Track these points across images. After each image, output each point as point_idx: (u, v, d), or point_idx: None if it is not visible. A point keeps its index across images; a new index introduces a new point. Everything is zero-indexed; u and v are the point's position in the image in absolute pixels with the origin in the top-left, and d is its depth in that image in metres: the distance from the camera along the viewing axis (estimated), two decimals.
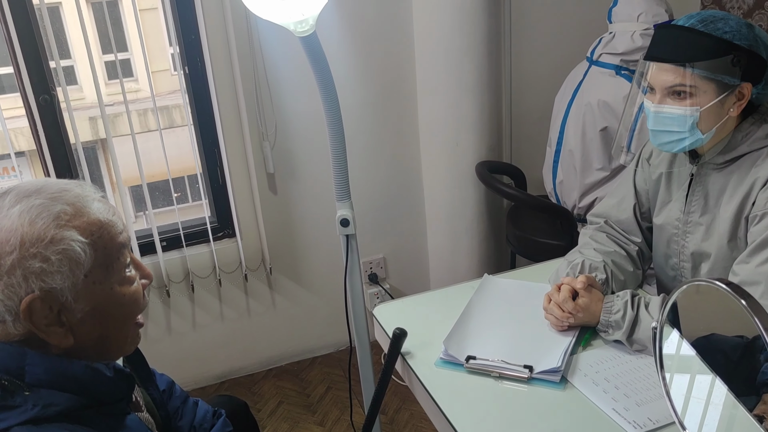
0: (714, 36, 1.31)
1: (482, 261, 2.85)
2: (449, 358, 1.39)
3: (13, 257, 0.87)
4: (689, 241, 1.47)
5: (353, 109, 2.62)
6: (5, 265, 0.88)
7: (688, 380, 1.10)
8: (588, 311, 1.40)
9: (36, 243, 0.88)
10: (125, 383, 1.00)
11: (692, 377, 1.10)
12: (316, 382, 2.84)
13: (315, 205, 2.75)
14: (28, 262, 0.88)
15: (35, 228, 0.89)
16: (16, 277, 0.88)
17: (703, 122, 1.35)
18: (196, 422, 1.35)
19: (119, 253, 0.97)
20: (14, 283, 0.88)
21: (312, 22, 1.47)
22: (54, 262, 0.89)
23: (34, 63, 2.27)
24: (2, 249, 0.88)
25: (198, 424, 1.35)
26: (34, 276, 0.88)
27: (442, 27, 2.53)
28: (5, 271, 0.88)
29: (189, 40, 2.47)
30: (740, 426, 0.97)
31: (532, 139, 2.95)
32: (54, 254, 0.89)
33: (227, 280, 2.75)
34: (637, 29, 2.28)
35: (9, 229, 0.88)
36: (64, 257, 0.90)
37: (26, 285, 0.88)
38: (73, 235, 0.91)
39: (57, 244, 0.89)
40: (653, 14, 2.26)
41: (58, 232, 0.90)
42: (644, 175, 1.59)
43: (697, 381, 1.09)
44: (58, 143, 2.39)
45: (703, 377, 1.07)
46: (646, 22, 2.27)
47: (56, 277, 0.89)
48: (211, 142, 2.63)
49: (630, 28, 2.29)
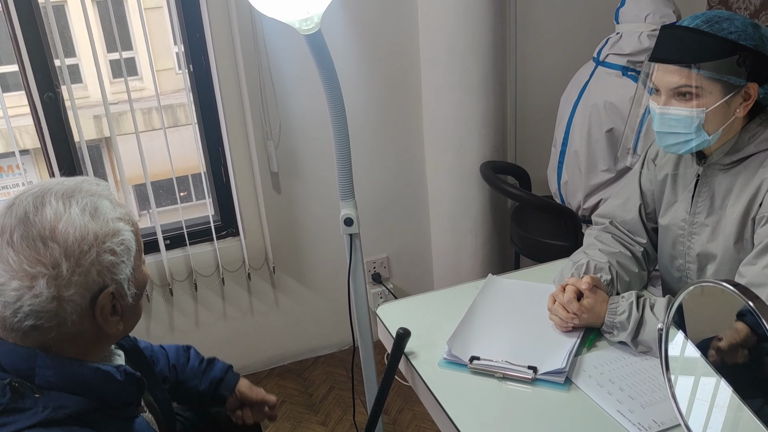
0: (719, 36, 1.30)
1: (486, 261, 2.84)
2: (453, 358, 1.38)
3: (91, 255, 0.91)
4: (695, 242, 1.46)
5: (357, 108, 2.61)
6: (85, 263, 0.90)
7: (694, 382, 1.09)
8: (593, 312, 1.39)
9: (107, 237, 0.93)
10: (135, 387, 1.01)
11: (697, 379, 1.09)
12: (319, 381, 2.84)
13: (318, 204, 2.75)
14: (102, 257, 0.92)
15: (99, 222, 0.93)
16: (92, 274, 0.91)
17: (709, 123, 1.34)
18: (172, 362, 1.43)
19: (139, 233, 1.03)
20: (90, 281, 0.91)
21: (317, 20, 1.47)
22: (119, 253, 0.94)
23: (39, 61, 2.27)
24: (81, 249, 0.90)
25: (175, 362, 1.43)
26: (107, 270, 0.92)
27: (448, 26, 2.52)
28: (84, 270, 0.90)
29: (194, 38, 2.47)
30: (746, 428, 0.97)
31: (536, 140, 2.94)
32: (118, 245, 0.94)
33: (230, 279, 2.75)
34: (644, 30, 2.27)
35: (81, 230, 0.91)
36: (125, 247, 0.95)
37: (100, 280, 0.92)
38: (122, 225, 0.96)
39: (117, 235, 0.94)
40: (661, 15, 2.25)
41: (114, 224, 0.94)
42: (650, 175, 1.58)
43: (703, 383, 1.08)
44: (62, 141, 2.39)
45: (708, 379, 1.06)
46: (653, 22, 2.26)
47: (121, 267, 0.94)
48: (215, 140, 2.63)
49: (637, 29, 2.28)
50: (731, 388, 1.00)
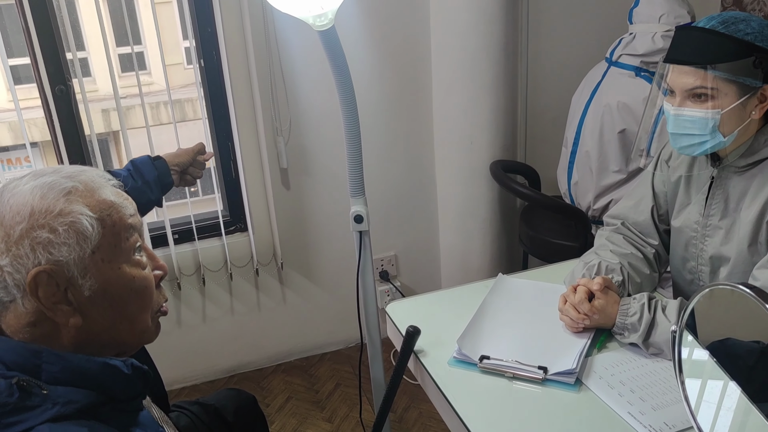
0: (735, 38, 1.29)
1: (494, 260, 2.84)
2: (463, 357, 1.38)
3: (21, 227, 0.89)
4: (708, 244, 1.46)
5: (368, 105, 2.61)
6: (14, 235, 0.89)
7: (706, 385, 1.08)
8: (604, 313, 1.39)
9: (45, 214, 0.90)
10: (142, 381, 1.00)
11: (709, 382, 1.08)
12: (325, 378, 2.84)
13: (327, 201, 2.74)
14: (36, 232, 0.89)
15: (45, 201, 0.91)
16: (24, 247, 0.89)
17: (724, 125, 1.33)
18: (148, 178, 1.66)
19: (128, 233, 0.98)
20: (22, 254, 0.89)
21: (331, 16, 1.46)
22: (61, 233, 0.90)
23: (51, 53, 2.27)
24: (12, 220, 0.89)
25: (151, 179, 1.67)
26: (41, 247, 0.89)
27: (459, 25, 2.52)
28: (14, 241, 0.89)
29: (205, 33, 2.47)
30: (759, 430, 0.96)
31: (547, 139, 2.94)
32: (61, 225, 0.90)
33: (238, 275, 2.75)
34: (658, 30, 2.26)
35: (20, 203, 0.90)
36: (71, 229, 0.91)
37: (33, 256, 0.89)
38: (82, 209, 0.92)
39: (65, 216, 0.91)
40: (675, 15, 2.24)
41: (67, 206, 0.91)
42: (663, 177, 1.57)
43: (715, 386, 1.07)
44: (72, 134, 2.40)
45: (720, 383, 1.05)
46: (667, 23, 2.25)
47: (63, 248, 0.90)
48: (225, 135, 2.63)
49: (651, 30, 2.27)
50: (743, 392, 0.99)
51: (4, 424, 0.84)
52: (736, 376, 1.02)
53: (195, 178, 1.83)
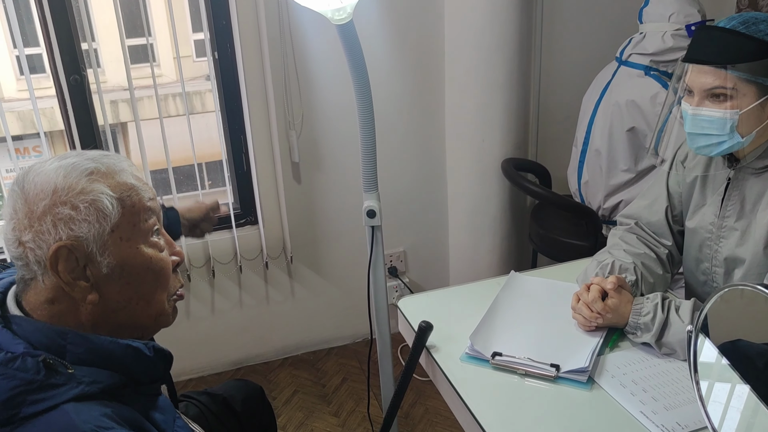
0: (756, 38, 1.29)
1: (503, 258, 2.84)
2: (475, 353, 1.38)
3: (44, 203, 0.93)
4: (723, 245, 1.45)
5: (381, 101, 2.61)
6: (37, 211, 0.93)
7: (721, 386, 1.08)
8: (617, 312, 1.39)
9: (67, 192, 0.94)
10: (163, 363, 1.02)
11: (722, 383, 1.08)
12: (332, 372, 2.85)
13: (338, 196, 2.75)
14: (58, 209, 0.93)
15: (68, 180, 0.95)
16: (46, 223, 0.92)
17: (743, 125, 1.33)
18: None
19: (147, 215, 1.01)
20: (44, 230, 0.92)
21: (350, 10, 1.46)
22: (82, 210, 0.93)
23: (66, 44, 2.28)
24: (36, 197, 0.93)
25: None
26: (62, 223, 0.93)
27: (474, 22, 2.52)
28: (36, 217, 0.93)
29: (220, 25, 2.47)
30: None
31: (558, 138, 2.93)
32: (82, 203, 0.94)
33: (248, 267, 2.76)
34: (668, 30, 2.25)
35: (45, 181, 0.94)
36: (91, 207, 0.94)
37: (55, 232, 0.93)
38: (102, 188, 0.96)
39: (86, 194, 0.94)
40: (685, 14, 2.24)
41: (88, 185, 0.95)
42: (678, 177, 1.57)
43: (730, 388, 1.07)
44: (86, 124, 2.41)
45: (735, 384, 1.05)
46: (677, 22, 2.25)
47: (83, 225, 0.94)
48: (237, 128, 2.63)
49: (661, 29, 2.27)
50: (756, 394, 0.99)
51: (30, 400, 0.86)
52: (749, 377, 1.02)
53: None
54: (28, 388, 0.87)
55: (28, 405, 0.86)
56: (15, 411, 0.86)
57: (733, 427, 1.04)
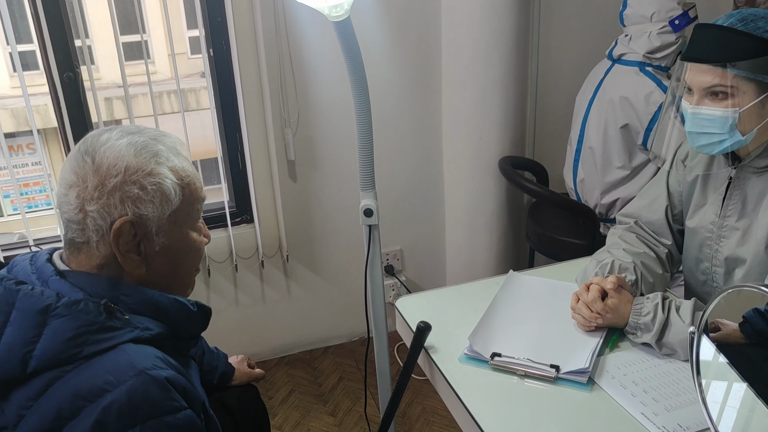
0: (754, 35, 1.27)
1: (500, 257, 2.83)
2: (474, 354, 1.37)
3: (116, 180, 0.99)
4: (723, 245, 1.44)
5: (378, 99, 2.58)
6: (108, 185, 0.99)
7: (723, 387, 1.07)
8: (617, 312, 1.37)
9: (138, 171, 1.00)
10: (203, 318, 1.11)
11: (726, 384, 1.07)
12: (329, 371, 2.83)
13: (334, 194, 2.73)
14: (128, 187, 0.99)
15: (139, 159, 1.01)
16: (115, 198, 0.99)
17: (743, 123, 1.32)
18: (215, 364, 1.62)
19: (199, 204, 1.10)
20: (111, 204, 0.99)
21: (347, 6, 1.44)
22: (149, 191, 1.00)
23: (60, 40, 2.26)
24: (108, 172, 0.99)
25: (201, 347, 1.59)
26: (130, 201, 0.99)
27: (471, 20, 2.50)
28: (107, 191, 0.99)
29: (215, 22, 2.45)
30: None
31: (555, 136, 2.92)
32: (150, 185, 1.01)
33: (243, 266, 2.74)
34: (653, 29, 2.24)
35: (117, 156, 1.00)
36: (158, 189, 1.01)
37: (122, 208, 0.99)
38: (167, 173, 1.03)
39: (154, 176, 1.01)
40: (666, 11, 2.22)
41: (156, 167, 1.02)
42: (678, 176, 1.56)
43: (731, 388, 1.06)
44: (80, 121, 2.39)
45: (736, 384, 1.04)
46: (660, 20, 2.23)
47: (148, 206, 1.01)
48: (232, 126, 2.61)
49: (645, 30, 2.26)
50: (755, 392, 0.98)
51: (92, 340, 0.95)
52: (750, 378, 1.02)
53: None
54: (90, 329, 0.95)
55: (90, 344, 0.94)
56: (78, 350, 0.93)
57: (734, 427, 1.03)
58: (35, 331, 0.94)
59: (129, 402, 0.90)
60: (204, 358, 1.56)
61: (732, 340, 1.06)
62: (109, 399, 0.90)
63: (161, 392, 0.93)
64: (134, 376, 0.92)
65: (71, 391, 0.92)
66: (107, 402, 0.90)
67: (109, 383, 0.91)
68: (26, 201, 7.04)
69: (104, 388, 0.91)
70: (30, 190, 7.20)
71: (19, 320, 0.96)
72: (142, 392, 0.91)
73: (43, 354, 0.93)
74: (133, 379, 0.92)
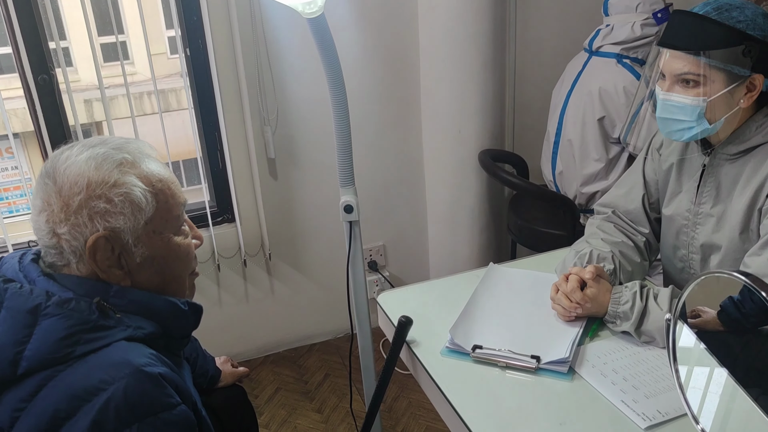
0: (726, 25, 1.28)
1: (482, 250, 2.84)
2: (455, 347, 1.38)
3: (80, 197, 0.96)
4: (699, 232, 1.46)
5: (356, 95, 2.59)
6: (73, 205, 0.97)
7: (699, 373, 1.09)
8: (596, 302, 1.39)
9: (101, 185, 0.97)
10: (195, 317, 1.10)
11: (703, 369, 1.09)
12: (314, 369, 2.83)
13: (315, 191, 2.73)
14: (94, 203, 0.97)
15: (100, 172, 0.98)
16: (83, 216, 0.97)
17: (711, 112, 1.33)
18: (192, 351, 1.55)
19: (179, 209, 1.07)
20: (80, 223, 0.97)
21: (321, 3, 1.44)
22: (117, 203, 0.98)
23: (33, 43, 2.23)
24: (71, 191, 0.97)
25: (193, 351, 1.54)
26: (99, 216, 0.97)
27: (448, 13, 2.50)
28: (73, 211, 0.97)
29: (191, 21, 2.44)
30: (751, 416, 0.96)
31: (534, 128, 2.93)
32: (117, 196, 0.98)
33: (226, 266, 2.73)
34: (636, 20, 2.26)
35: (77, 174, 0.97)
36: (125, 199, 0.98)
37: (92, 225, 0.97)
38: (134, 181, 1.00)
39: (119, 187, 0.98)
40: (651, 2, 2.25)
41: (121, 177, 0.99)
42: (654, 165, 1.57)
43: (707, 373, 1.08)
44: (56, 124, 2.36)
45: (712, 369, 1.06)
46: (645, 11, 2.26)
47: (119, 218, 0.98)
48: (211, 126, 2.60)
49: (629, 20, 2.27)
50: (734, 378, 0.99)
51: (85, 339, 0.94)
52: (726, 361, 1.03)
53: None
54: (83, 328, 0.94)
55: (83, 344, 0.93)
56: (71, 349, 0.92)
57: (713, 411, 1.04)
58: (26, 331, 0.93)
59: (126, 400, 0.90)
60: (198, 361, 1.54)
61: (711, 327, 1.07)
62: (105, 397, 0.90)
63: (157, 389, 0.93)
64: (129, 374, 0.92)
65: (66, 390, 0.91)
66: (104, 401, 0.90)
67: (105, 381, 0.91)
68: (6, 206, 6.97)
69: (100, 387, 0.91)
70: (10, 195, 7.13)
71: (9, 320, 0.95)
72: (139, 390, 0.91)
73: (34, 355, 0.92)
74: (129, 376, 0.92)
